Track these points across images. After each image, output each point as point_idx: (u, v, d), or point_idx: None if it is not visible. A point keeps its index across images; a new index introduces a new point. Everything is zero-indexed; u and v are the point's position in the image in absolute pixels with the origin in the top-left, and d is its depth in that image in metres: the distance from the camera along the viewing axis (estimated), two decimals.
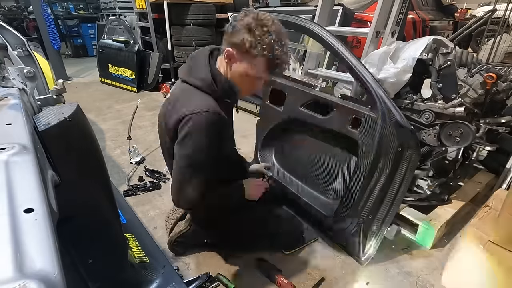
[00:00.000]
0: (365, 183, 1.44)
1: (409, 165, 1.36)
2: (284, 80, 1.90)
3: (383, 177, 1.40)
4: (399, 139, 1.32)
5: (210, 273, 1.46)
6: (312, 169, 1.84)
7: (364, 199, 1.47)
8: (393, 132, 1.32)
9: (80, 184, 0.92)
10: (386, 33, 1.98)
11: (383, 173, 1.39)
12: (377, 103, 1.34)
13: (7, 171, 0.51)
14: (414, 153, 1.34)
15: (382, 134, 1.35)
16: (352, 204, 1.50)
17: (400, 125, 1.30)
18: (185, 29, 4.53)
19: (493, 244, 1.22)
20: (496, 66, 1.80)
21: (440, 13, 5.07)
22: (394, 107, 1.31)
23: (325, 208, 1.69)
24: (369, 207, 1.47)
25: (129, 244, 1.52)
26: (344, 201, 1.54)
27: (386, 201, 1.45)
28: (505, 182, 1.88)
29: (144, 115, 3.78)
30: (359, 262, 1.57)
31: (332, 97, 1.62)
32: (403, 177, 1.38)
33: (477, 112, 1.64)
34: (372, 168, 1.41)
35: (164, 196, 2.15)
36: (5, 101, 0.79)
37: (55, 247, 0.40)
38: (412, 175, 1.39)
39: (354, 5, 3.78)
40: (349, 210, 1.52)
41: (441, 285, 1.47)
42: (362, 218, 1.50)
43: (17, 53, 2.04)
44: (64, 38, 7.42)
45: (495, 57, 4.59)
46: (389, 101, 1.32)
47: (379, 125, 1.35)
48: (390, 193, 1.43)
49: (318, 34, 1.53)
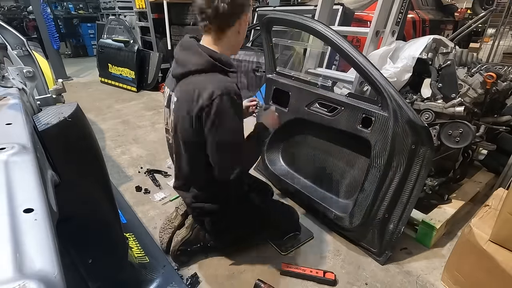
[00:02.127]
0: (380, 183, 1.44)
1: (423, 162, 1.34)
2: (287, 80, 1.90)
3: (397, 175, 1.40)
4: (413, 136, 1.31)
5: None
6: (322, 169, 1.84)
7: (380, 199, 1.47)
8: (406, 130, 1.32)
9: (80, 184, 0.92)
10: (386, 33, 1.98)
11: (398, 171, 1.39)
12: (388, 101, 1.33)
13: (6, 171, 0.51)
14: (428, 150, 1.32)
15: (395, 132, 1.34)
16: (368, 204, 1.50)
17: (413, 122, 1.29)
18: (185, 28, 4.52)
19: (493, 244, 1.22)
20: (496, 66, 1.80)
21: (440, 12, 5.07)
22: (406, 104, 1.31)
23: (339, 208, 1.68)
24: (385, 206, 1.46)
25: (129, 244, 1.52)
26: (359, 201, 1.54)
27: (402, 200, 1.44)
28: (505, 181, 1.89)
29: (144, 115, 3.78)
30: (378, 261, 1.58)
31: (340, 96, 1.61)
32: (418, 174, 1.37)
33: (477, 111, 1.64)
34: (387, 167, 1.41)
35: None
36: (4, 101, 0.79)
37: (54, 247, 0.40)
38: (427, 172, 1.37)
39: (354, 5, 3.77)
40: (365, 210, 1.51)
41: (441, 284, 1.47)
42: (379, 217, 1.50)
43: (16, 53, 2.04)
44: (64, 38, 7.41)
45: (495, 57, 4.59)
46: (400, 99, 1.31)
47: (391, 124, 1.35)
48: (405, 191, 1.42)
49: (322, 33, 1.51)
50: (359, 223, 1.56)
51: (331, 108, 1.65)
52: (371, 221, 1.53)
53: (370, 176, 1.48)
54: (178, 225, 1.61)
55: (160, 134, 3.18)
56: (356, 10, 3.49)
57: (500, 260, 1.18)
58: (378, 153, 1.43)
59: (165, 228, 1.64)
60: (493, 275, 1.22)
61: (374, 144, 1.44)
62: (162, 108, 4.44)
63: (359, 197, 1.54)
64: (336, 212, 1.67)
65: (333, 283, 1.45)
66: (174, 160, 1.43)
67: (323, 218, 1.82)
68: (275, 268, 1.54)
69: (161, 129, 3.33)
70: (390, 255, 1.57)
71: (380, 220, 1.50)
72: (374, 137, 1.44)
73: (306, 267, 1.51)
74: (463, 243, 1.35)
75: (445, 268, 1.48)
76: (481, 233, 1.26)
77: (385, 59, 1.89)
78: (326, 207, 1.72)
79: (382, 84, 1.34)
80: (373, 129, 1.43)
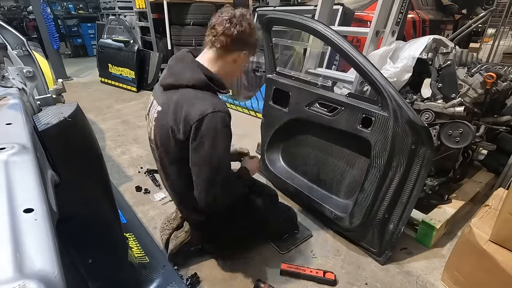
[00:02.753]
0: (380, 183, 1.44)
1: (423, 162, 1.34)
2: (287, 80, 1.90)
3: (398, 175, 1.40)
4: (413, 136, 1.31)
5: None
6: (322, 169, 1.84)
7: (380, 199, 1.47)
8: (406, 130, 1.32)
9: (80, 184, 0.92)
10: (386, 33, 1.98)
11: (398, 171, 1.39)
12: (388, 101, 1.33)
13: (6, 171, 0.51)
14: (428, 150, 1.32)
15: (395, 132, 1.35)
16: (368, 204, 1.50)
17: (413, 122, 1.29)
18: (185, 28, 4.53)
19: (493, 244, 1.22)
20: (496, 66, 1.80)
21: (440, 12, 5.07)
22: (405, 104, 1.31)
23: (339, 209, 1.68)
24: (385, 206, 1.47)
25: (129, 244, 1.52)
26: (359, 201, 1.54)
27: (402, 200, 1.44)
28: (505, 181, 1.89)
29: (144, 115, 3.77)
30: (378, 261, 1.58)
31: (340, 96, 1.61)
32: (418, 174, 1.37)
33: (477, 111, 1.64)
34: (387, 167, 1.41)
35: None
36: (4, 100, 0.79)
37: (54, 247, 0.40)
38: (427, 172, 1.37)
39: (354, 5, 3.77)
40: (365, 210, 1.52)
41: (441, 284, 1.47)
42: (379, 217, 1.50)
43: (16, 52, 2.04)
44: (64, 38, 7.42)
45: (495, 57, 4.59)
46: (400, 99, 1.32)
47: (391, 124, 1.35)
48: (405, 191, 1.42)
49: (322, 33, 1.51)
50: (359, 223, 1.56)
51: (331, 108, 1.65)
52: (371, 221, 1.53)
53: (370, 176, 1.48)
54: (177, 226, 1.60)
55: None
56: (356, 10, 3.49)
57: (500, 260, 1.18)
58: (378, 153, 1.43)
59: (164, 228, 1.64)
60: (493, 275, 1.22)
61: (374, 144, 1.44)
62: None
63: (359, 197, 1.54)
64: (336, 212, 1.68)
65: (333, 283, 1.45)
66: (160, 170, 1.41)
67: (322, 217, 1.82)
68: (275, 268, 1.54)
69: None
70: (390, 255, 1.58)
71: (380, 220, 1.50)
72: (374, 137, 1.44)
73: (306, 267, 1.51)
74: (463, 243, 1.35)
75: (445, 268, 1.48)
76: (481, 233, 1.26)
77: (385, 59, 1.89)
78: (326, 207, 1.72)
79: (382, 84, 1.34)
80: (373, 129, 1.43)
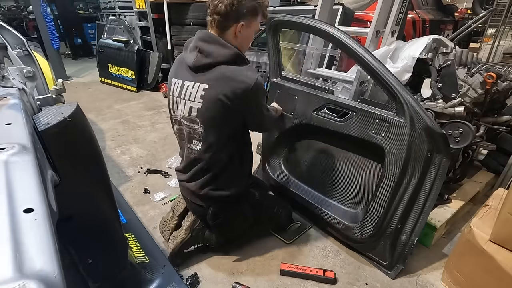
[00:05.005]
0: (394, 191, 1.38)
1: (439, 171, 1.29)
2: (293, 84, 1.82)
3: (412, 184, 1.34)
4: (429, 143, 1.26)
5: None
6: (329, 177, 1.76)
7: (393, 208, 1.41)
8: (422, 137, 1.27)
9: (80, 184, 0.92)
10: (386, 33, 1.98)
11: (412, 179, 1.34)
12: (405, 107, 1.29)
13: (6, 171, 0.51)
14: (444, 158, 1.26)
15: (411, 139, 1.30)
16: (381, 214, 1.44)
17: (431, 129, 1.25)
18: (185, 28, 4.52)
19: (493, 244, 1.22)
20: (496, 66, 1.80)
21: (440, 12, 5.07)
22: (423, 110, 1.26)
23: (348, 218, 1.61)
24: (398, 216, 1.41)
25: (129, 244, 1.52)
26: (371, 210, 1.48)
27: (415, 209, 1.38)
28: (505, 181, 1.89)
29: (144, 115, 3.78)
30: (388, 275, 1.51)
31: (351, 102, 1.54)
32: (433, 183, 1.32)
33: (477, 111, 1.64)
34: (401, 175, 1.35)
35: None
36: (4, 101, 0.79)
37: (55, 247, 0.40)
38: (442, 181, 1.31)
39: (354, 5, 3.77)
40: (377, 219, 1.46)
41: (441, 284, 1.47)
42: (391, 228, 1.44)
43: (16, 53, 2.04)
44: (64, 38, 7.41)
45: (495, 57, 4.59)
46: (416, 105, 1.27)
47: (407, 131, 1.30)
48: (419, 200, 1.36)
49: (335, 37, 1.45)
50: (370, 234, 1.49)
51: (341, 113, 1.58)
52: (383, 231, 1.47)
53: (383, 183, 1.42)
54: (175, 226, 1.60)
55: (160, 134, 3.18)
56: (356, 10, 3.49)
57: (500, 260, 1.18)
58: (392, 160, 1.37)
59: (164, 229, 1.64)
60: (493, 275, 1.22)
61: (389, 151, 1.38)
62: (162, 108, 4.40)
63: (370, 206, 1.48)
64: (345, 221, 1.60)
65: (333, 281, 1.45)
66: (188, 148, 1.42)
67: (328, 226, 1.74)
68: (275, 268, 1.54)
69: (161, 129, 3.33)
70: (401, 269, 1.49)
71: (393, 231, 1.44)
72: (388, 144, 1.38)
73: (306, 267, 1.51)
74: (463, 243, 1.35)
75: (445, 268, 1.48)
76: (481, 233, 1.26)
77: (385, 59, 1.89)
78: (333, 216, 1.65)
79: (399, 90, 1.29)
80: (387, 135, 1.38)
